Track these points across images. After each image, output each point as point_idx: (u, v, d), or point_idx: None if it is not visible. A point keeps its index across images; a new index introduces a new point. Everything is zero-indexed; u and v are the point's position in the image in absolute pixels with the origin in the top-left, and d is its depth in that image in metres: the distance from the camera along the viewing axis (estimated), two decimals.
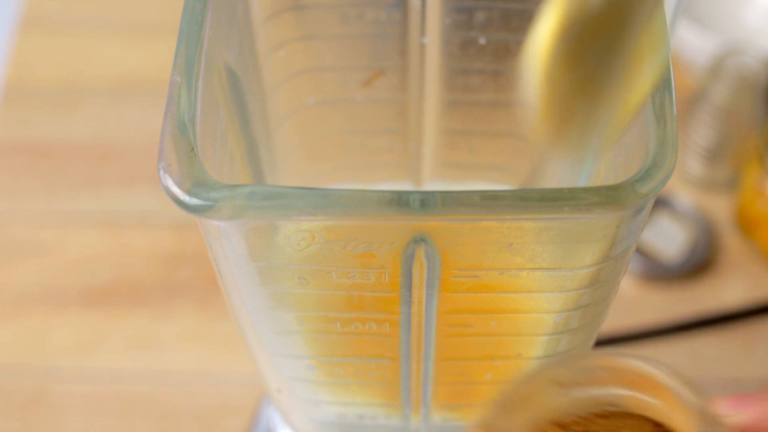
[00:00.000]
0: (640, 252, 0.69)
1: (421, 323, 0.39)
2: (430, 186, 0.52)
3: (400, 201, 0.31)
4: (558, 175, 0.48)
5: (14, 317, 0.67)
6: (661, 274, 0.68)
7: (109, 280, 0.69)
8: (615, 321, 0.66)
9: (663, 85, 0.34)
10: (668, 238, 0.70)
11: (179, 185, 0.32)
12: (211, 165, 0.36)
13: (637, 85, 0.33)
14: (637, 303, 0.68)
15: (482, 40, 0.46)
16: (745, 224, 0.70)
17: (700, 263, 0.69)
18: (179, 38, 0.35)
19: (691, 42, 0.73)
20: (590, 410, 0.34)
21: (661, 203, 0.71)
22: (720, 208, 0.72)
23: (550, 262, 0.35)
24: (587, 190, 0.32)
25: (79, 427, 0.63)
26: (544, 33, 0.32)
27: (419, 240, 0.34)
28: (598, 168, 0.42)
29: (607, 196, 0.32)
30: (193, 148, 0.32)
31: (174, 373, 0.65)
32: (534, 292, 0.37)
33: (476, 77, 0.47)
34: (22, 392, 0.64)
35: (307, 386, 0.44)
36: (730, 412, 0.35)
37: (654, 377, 0.33)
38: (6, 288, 0.69)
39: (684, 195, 0.72)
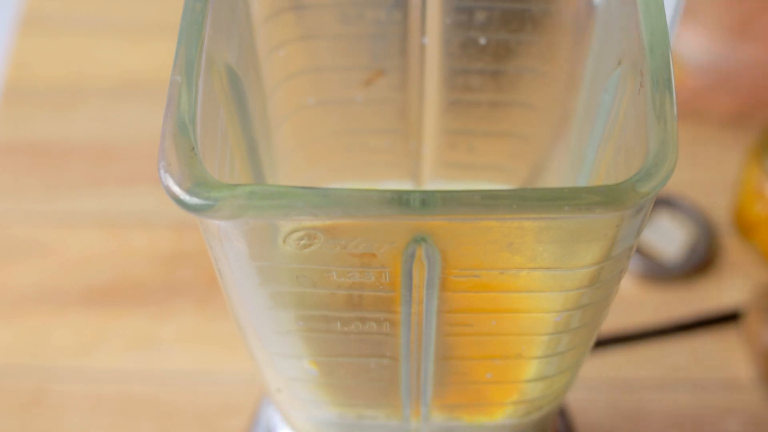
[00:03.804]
0: (640, 252, 0.69)
1: (421, 323, 0.39)
2: (430, 186, 0.52)
3: (400, 200, 0.31)
4: (558, 175, 0.48)
5: (14, 317, 0.67)
6: (661, 274, 0.68)
7: (109, 280, 0.69)
8: (615, 321, 0.66)
9: (663, 85, 0.34)
10: (668, 238, 0.70)
11: (180, 185, 0.32)
12: (211, 165, 0.36)
13: None
14: (637, 303, 0.68)
15: (482, 40, 0.46)
16: (743, 227, 0.70)
17: (700, 263, 0.69)
18: (179, 38, 0.35)
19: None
20: None
21: (661, 203, 0.71)
22: (720, 209, 0.72)
23: (550, 261, 0.35)
24: (587, 190, 0.32)
25: (79, 427, 0.63)
26: None
27: (419, 239, 0.34)
28: (598, 168, 0.42)
29: (607, 196, 0.32)
30: (193, 148, 0.32)
31: (174, 373, 0.65)
32: (534, 292, 0.37)
33: (476, 77, 0.47)
34: (22, 392, 0.64)
35: (307, 386, 0.44)
36: None
37: None
38: (6, 288, 0.69)
39: (684, 195, 0.72)
